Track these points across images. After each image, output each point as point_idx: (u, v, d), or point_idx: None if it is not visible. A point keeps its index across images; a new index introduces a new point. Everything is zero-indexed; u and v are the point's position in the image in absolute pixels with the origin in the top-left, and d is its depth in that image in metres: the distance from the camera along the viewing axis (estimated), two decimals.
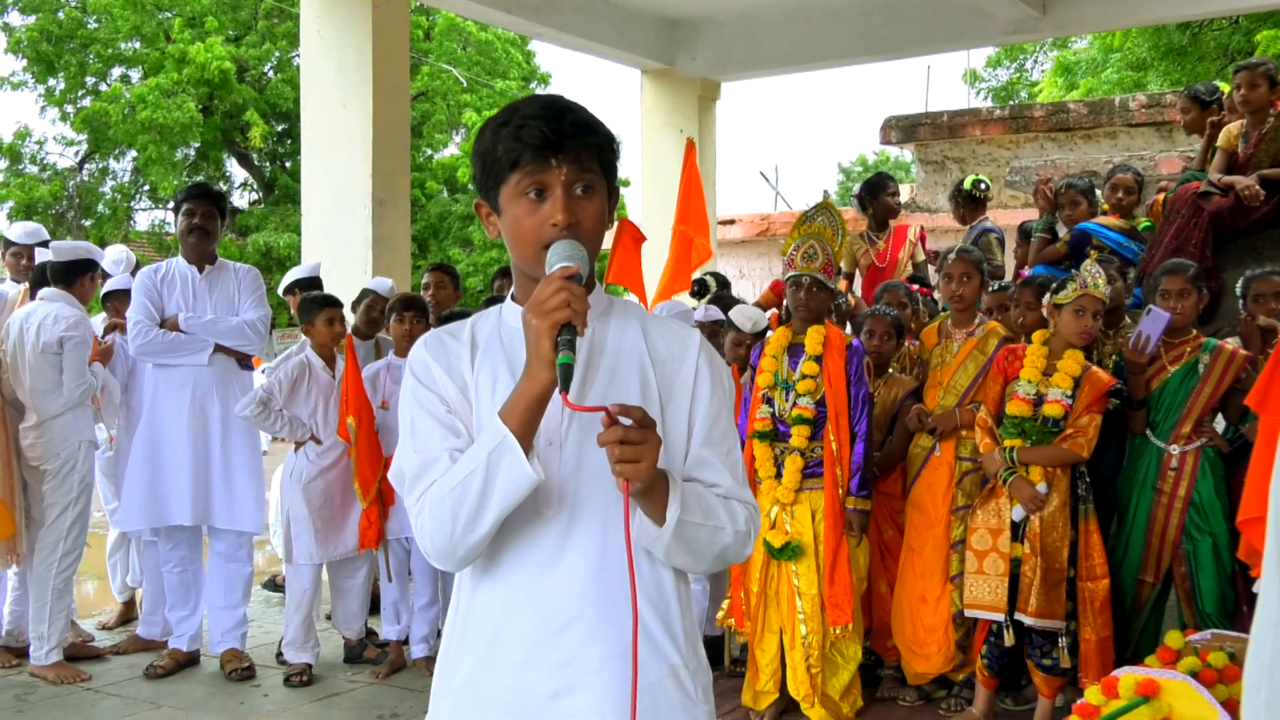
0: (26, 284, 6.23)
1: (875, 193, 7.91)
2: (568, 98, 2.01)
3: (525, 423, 1.85)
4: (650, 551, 1.96)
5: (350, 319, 6.54)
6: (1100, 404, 4.93)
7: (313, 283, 7.37)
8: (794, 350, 5.26)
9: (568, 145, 1.92)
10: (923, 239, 7.90)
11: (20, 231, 6.47)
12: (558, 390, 1.81)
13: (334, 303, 6.09)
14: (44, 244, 6.48)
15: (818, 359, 5.15)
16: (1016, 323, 5.50)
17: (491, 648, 1.98)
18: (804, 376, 5.14)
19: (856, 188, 8.28)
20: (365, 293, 6.66)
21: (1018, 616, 4.89)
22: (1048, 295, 5.11)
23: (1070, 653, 4.91)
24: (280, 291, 7.41)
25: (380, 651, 6.17)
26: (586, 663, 1.92)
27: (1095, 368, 5.01)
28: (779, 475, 5.16)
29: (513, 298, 2.09)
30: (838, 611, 5.06)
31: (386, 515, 5.86)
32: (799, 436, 5.13)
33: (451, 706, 2.03)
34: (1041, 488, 4.89)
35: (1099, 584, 4.90)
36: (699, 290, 7.73)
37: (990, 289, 5.86)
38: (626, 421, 1.81)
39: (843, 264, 7.72)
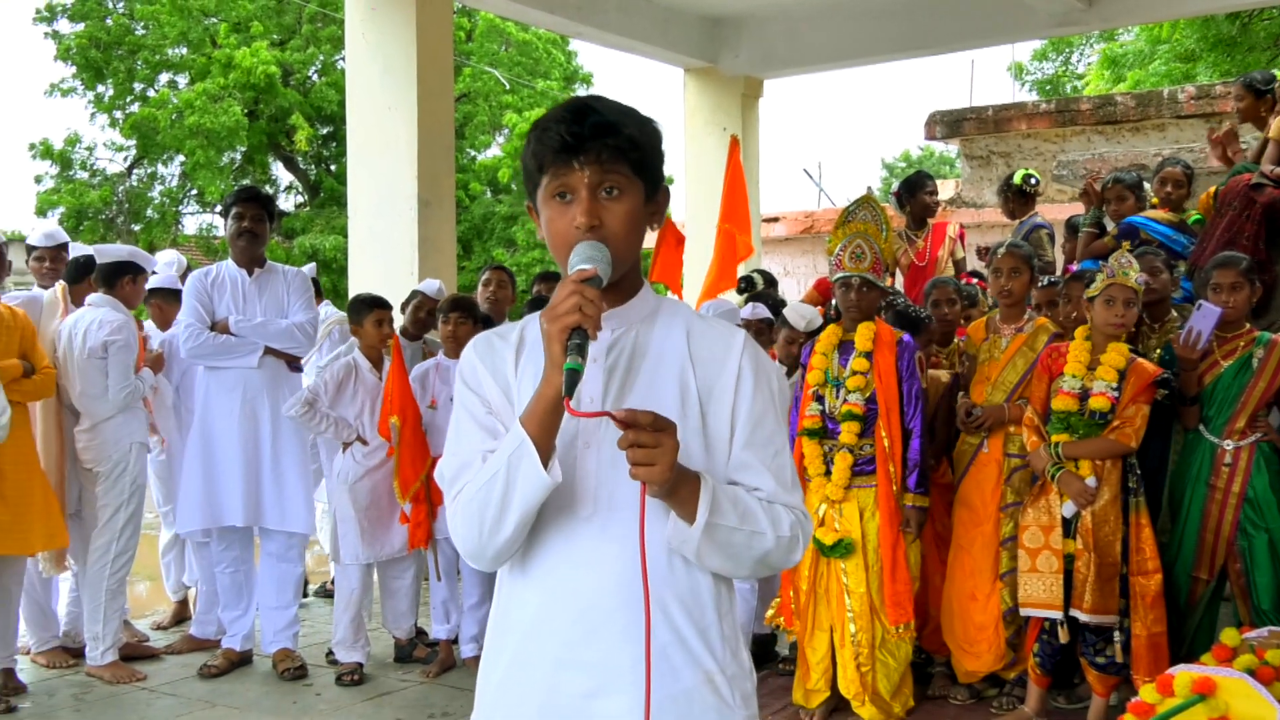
0: (63, 283, 6.25)
1: (913, 191, 7.88)
2: (603, 98, 2.01)
3: (542, 425, 1.86)
4: (684, 554, 1.96)
5: (399, 320, 6.57)
6: (1147, 394, 4.89)
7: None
8: (844, 347, 5.25)
9: (588, 147, 1.93)
10: (961, 236, 7.84)
11: (41, 235, 6.48)
12: (566, 403, 1.82)
13: (382, 304, 6.12)
14: (64, 246, 6.49)
15: (868, 355, 5.14)
16: (1069, 318, 5.46)
17: (527, 645, 1.99)
18: (854, 373, 5.13)
19: (895, 185, 8.25)
20: (414, 294, 6.69)
21: (1073, 613, 4.85)
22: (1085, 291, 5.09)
23: (1123, 649, 4.88)
24: None
25: (430, 651, 6.20)
26: (619, 664, 1.93)
27: (1140, 359, 4.97)
28: (828, 473, 5.15)
29: None
30: (899, 610, 5.04)
31: (435, 515, 5.89)
32: (848, 433, 5.11)
33: (491, 701, 2.06)
34: (1090, 482, 4.86)
35: (1151, 579, 4.86)
36: (745, 288, 7.71)
37: (1040, 284, 5.83)
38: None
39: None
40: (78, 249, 6.49)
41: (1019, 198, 7.59)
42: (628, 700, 1.92)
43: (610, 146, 1.94)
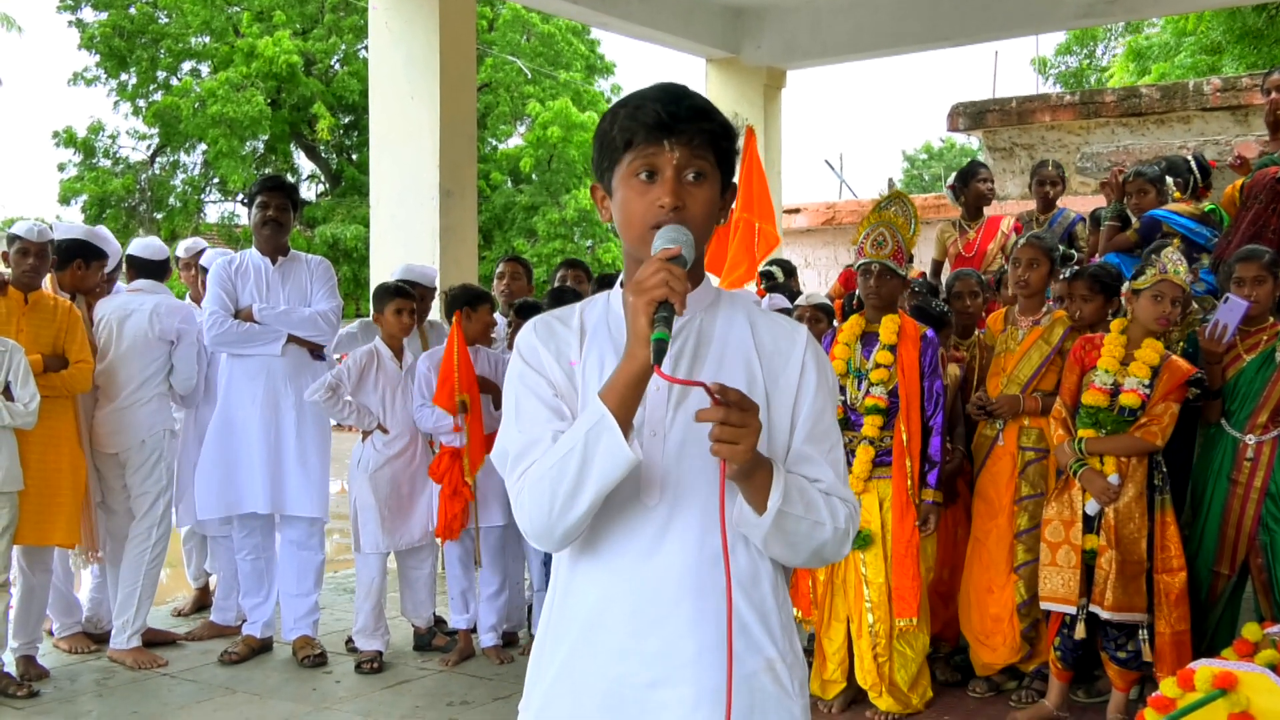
0: (52, 273, 6.03)
1: (966, 180, 7.85)
2: (690, 87, 2.01)
3: (624, 401, 1.85)
4: (748, 540, 1.97)
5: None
6: (1179, 393, 4.86)
7: None
8: (867, 339, 5.24)
9: (681, 129, 1.93)
10: (1018, 230, 7.76)
11: (28, 228, 5.82)
12: (656, 369, 1.81)
13: (404, 293, 6.13)
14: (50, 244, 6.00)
15: (892, 348, 5.13)
16: (1073, 316, 5.42)
17: (589, 635, 1.99)
18: (877, 365, 5.12)
19: (950, 177, 8.21)
20: (408, 281, 6.54)
21: (1093, 609, 4.84)
22: (1125, 283, 5.05)
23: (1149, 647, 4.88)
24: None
25: (449, 640, 6.23)
26: (683, 654, 1.93)
27: (1176, 357, 4.94)
28: (849, 464, 5.14)
29: (621, 284, 2.09)
30: (904, 604, 5.04)
31: (468, 505, 5.88)
32: (871, 426, 5.11)
33: (547, 691, 2.05)
34: (1113, 479, 4.84)
35: (1175, 576, 4.84)
36: (767, 282, 7.68)
37: (1061, 277, 5.79)
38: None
39: (933, 252, 7.68)
40: (60, 230, 6.25)
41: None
42: (691, 690, 1.93)
43: (705, 131, 1.95)
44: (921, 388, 5.13)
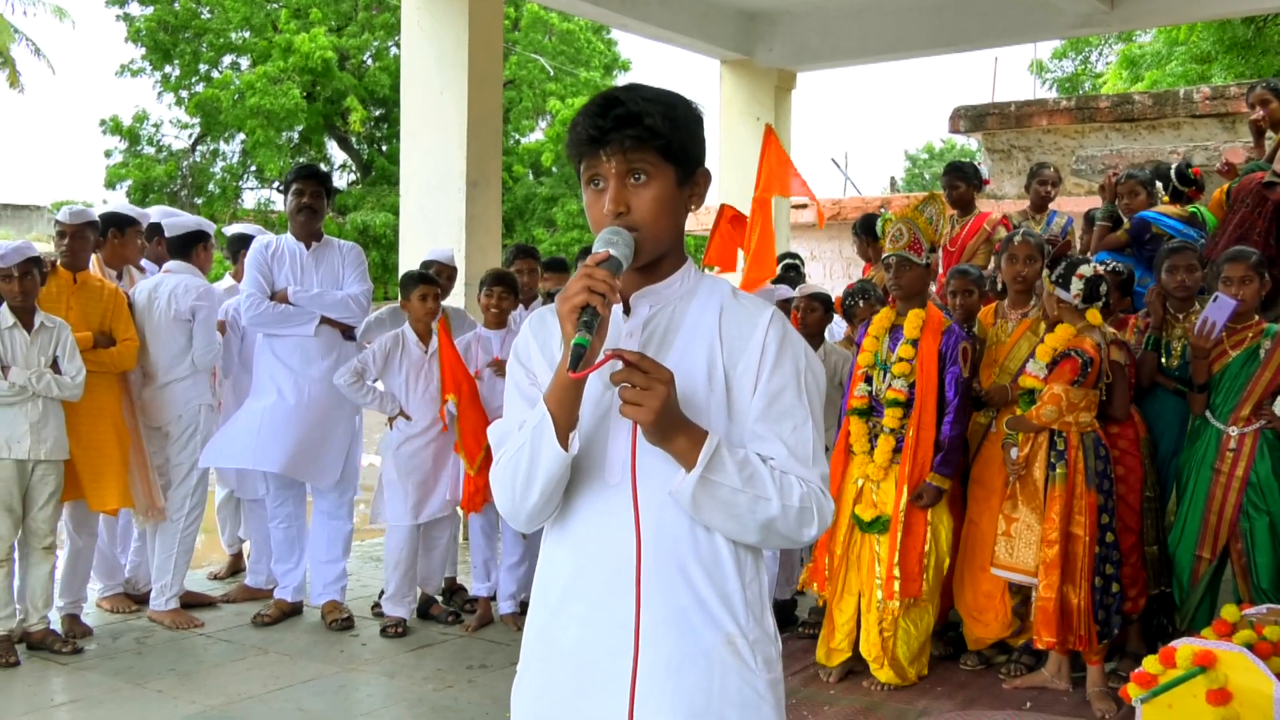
0: (96, 254, 6.07)
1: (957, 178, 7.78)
2: (638, 87, 2.00)
3: (560, 402, 1.90)
4: (683, 506, 1.94)
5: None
6: (1066, 374, 4.91)
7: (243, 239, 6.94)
8: (895, 332, 5.25)
9: (610, 139, 1.94)
10: (1005, 226, 7.66)
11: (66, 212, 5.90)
12: (571, 374, 1.83)
13: (429, 280, 6.12)
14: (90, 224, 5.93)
15: (914, 342, 5.13)
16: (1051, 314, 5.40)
17: (562, 604, 2.03)
18: (899, 359, 5.13)
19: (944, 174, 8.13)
20: (429, 264, 6.55)
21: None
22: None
23: (1114, 613, 4.99)
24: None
25: (443, 610, 6.25)
26: (644, 623, 1.94)
27: (1086, 339, 4.98)
28: (872, 450, 5.16)
29: None
30: (908, 583, 5.05)
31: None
32: (891, 417, 5.13)
33: (533, 652, 2.10)
34: (1013, 453, 5.03)
35: (1051, 548, 4.91)
36: (790, 273, 7.65)
37: None
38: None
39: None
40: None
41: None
42: (649, 657, 1.94)
43: (633, 136, 1.94)
44: (941, 378, 5.13)
